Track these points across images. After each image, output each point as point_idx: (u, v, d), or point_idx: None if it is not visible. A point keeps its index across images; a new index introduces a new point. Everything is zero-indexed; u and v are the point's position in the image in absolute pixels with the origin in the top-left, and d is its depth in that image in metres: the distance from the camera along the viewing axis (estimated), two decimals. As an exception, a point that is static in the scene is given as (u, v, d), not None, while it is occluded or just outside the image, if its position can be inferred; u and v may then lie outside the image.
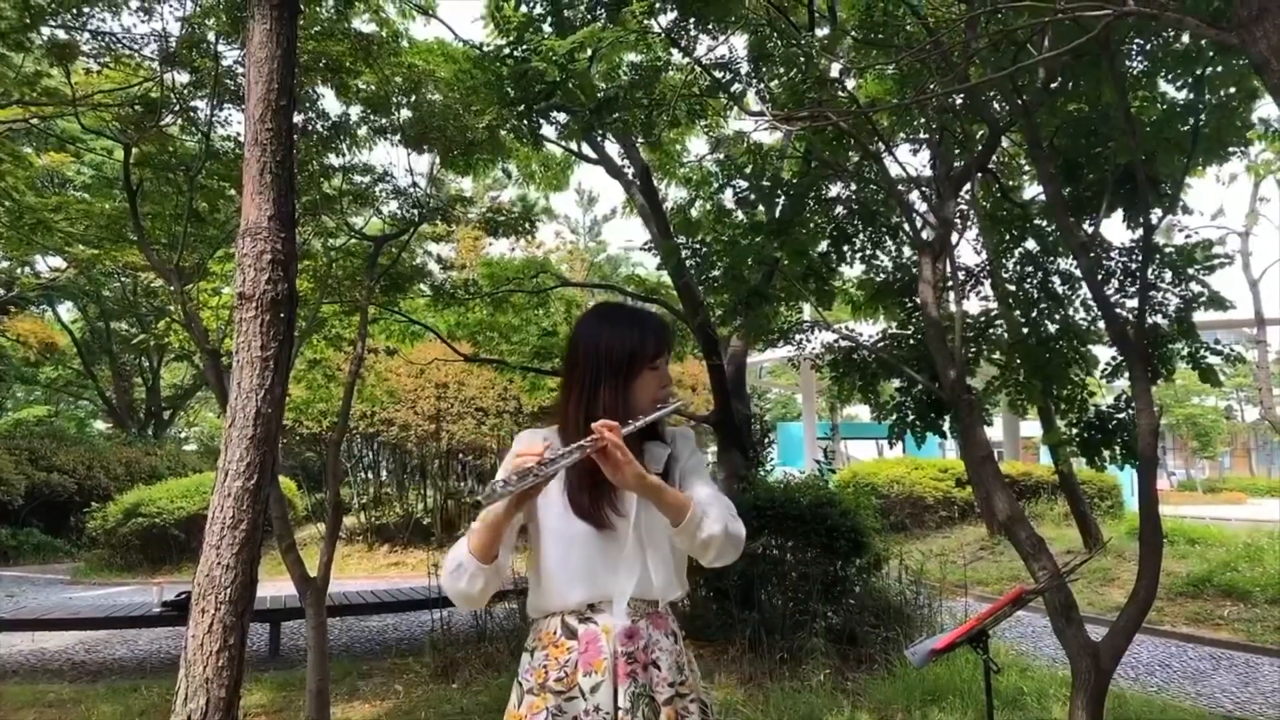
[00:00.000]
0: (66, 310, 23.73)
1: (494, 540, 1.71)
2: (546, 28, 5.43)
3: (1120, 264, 5.04)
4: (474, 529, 1.71)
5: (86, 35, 5.46)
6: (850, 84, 5.82)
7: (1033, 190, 6.52)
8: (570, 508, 1.75)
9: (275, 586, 7.64)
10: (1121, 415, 4.78)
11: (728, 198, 6.44)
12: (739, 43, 6.23)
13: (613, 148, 7.78)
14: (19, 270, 17.44)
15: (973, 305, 6.09)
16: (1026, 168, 6.46)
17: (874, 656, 6.12)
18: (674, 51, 5.84)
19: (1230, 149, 4.70)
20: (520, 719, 1.76)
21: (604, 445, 1.61)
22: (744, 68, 5.97)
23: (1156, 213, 4.46)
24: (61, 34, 5.35)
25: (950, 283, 5.33)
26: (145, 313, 20.06)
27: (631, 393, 1.80)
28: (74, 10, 5.27)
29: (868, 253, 6.09)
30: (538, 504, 1.77)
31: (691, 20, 5.64)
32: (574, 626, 1.76)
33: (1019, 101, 4.31)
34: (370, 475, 16.56)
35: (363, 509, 15.60)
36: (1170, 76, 4.47)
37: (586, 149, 7.97)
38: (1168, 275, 4.86)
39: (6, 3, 5.14)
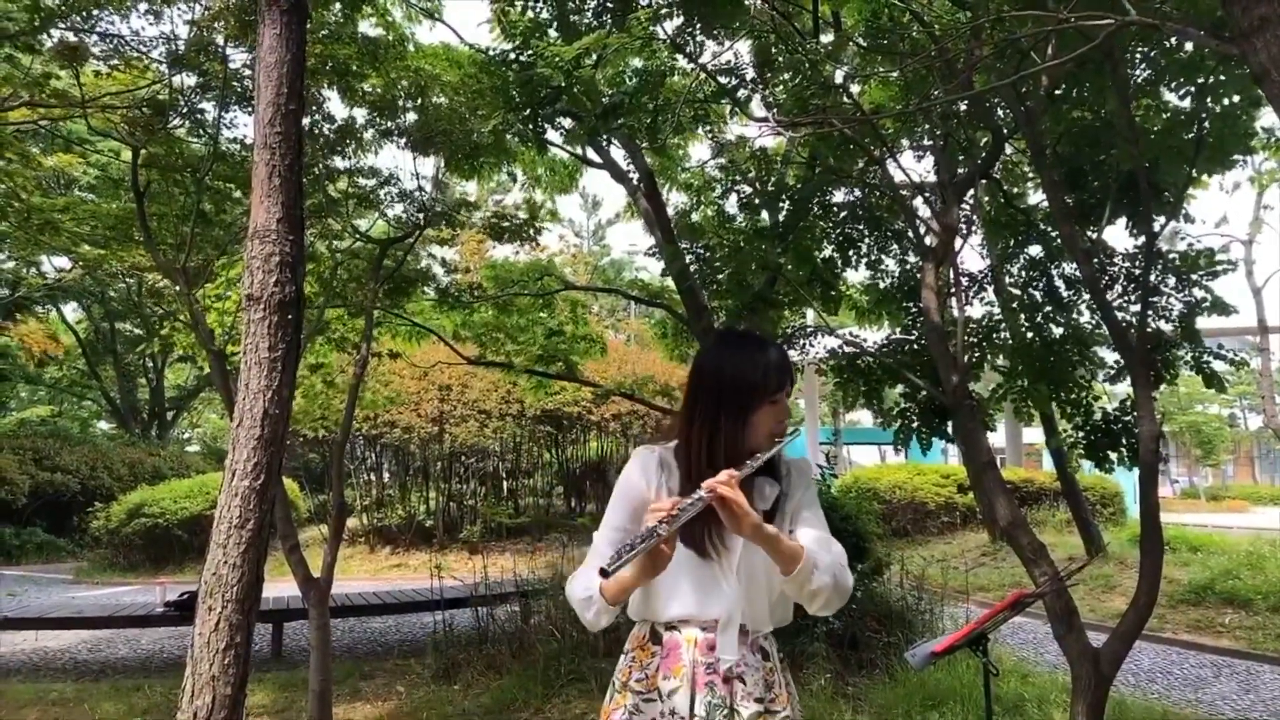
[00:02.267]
0: (71, 311, 23.82)
1: (627, 594, 1.77)
2: (552, 33, 5.45)
3: (1123, 269, 5.06)
4: (607, 585, 1.73)
5: (95, 37, 5.50)
6: (855, 90, 5.84)
7: (1036, 197, 6.54)
8: (678, 533, 1.77)
9: (277, 587, 7.65)
10: (1126, 419, 4.80)
11: (731, 203, 6.47)
12: (744, 49, 6.24)
13: (617, 152, 7.79)
14: (26, 270, 17.49)
15: (976, 310, 6.11)
16: (1030, 174, 6.48)
17: (875, 661, 6.13)
18: (679, 57, 5.87)
19: (1233, 157, 4.71)
20: (608, 713, 1.83)
21: (723, 495, 1.64)
22: (749, 73, 5.99)
23: (1159, 220, 4.48)
24: (71, 36, 5.38)
25: (954, 288, 5.35)
26: (150, 314, 20.12)
27: (750, 426, 1.82)
28: (83, 13, 5.31)
29: (872, 258, 6.11)
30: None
31: (696, 26, 5.67)
32: (660, 633, 1.82)
33: (1022, 109, 4.33)
34: (373, 477, 16.60)
35: (365, 511, 15.63)
36: (1173, 85, 4.49)
37: (591, 154, 7.99)
38: (1171, 280, 4.87)
39: (16, 5, 5.18)
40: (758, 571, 1.80)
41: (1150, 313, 4.48)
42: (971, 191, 5.70)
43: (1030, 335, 5.36)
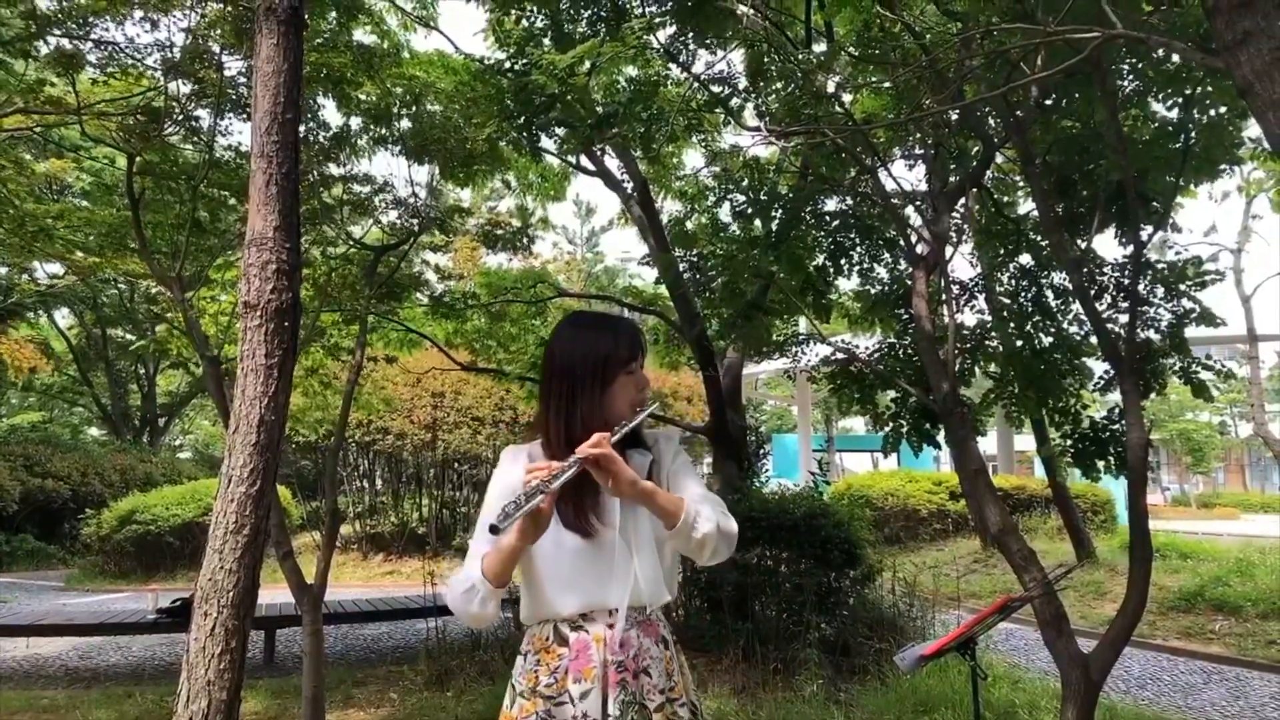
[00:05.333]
0: (63, 317, 23.74)
1: (510, 566, 1.73)
2: (546, 42, 5.50)
3: (1113, 279, 5.10)
4: (489, 554, 1.72)
5: (91, 44, 5.51)
6: (846, 99, 5.89)
7: (1026, 206, 6.59)
8: (558, 518, 1.76)
9: (270, 594, 7.64)
10: (1115, 427, 4.84)
11: (724, 211, 6.50)
12: (736, 58, 6.29)
13: (611, 161, 7.84)
14: (19, 277, 17.43)
15: (967, 318, 6.15)
16: (1020, 183, 6.53)
17: (867, 667, 6.15)
18: (672, 66, 5.91)
19: (1221, 167, 4.77)
20: (527, 713, 1.78)
21: (597, 457, 1.64)
22: (741, 83, 6.04)
23: (1148, 229, 4.53)
24: (66, 43, 5.40)
25: (945, 296, 5.39)
26: (142, 320, 20.07)
27: (609, 399, 1.82)
28: (79, 20, 5.32)
29: (864, 266, 6.14)
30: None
31: (689, 36, 5.71)
32: (565, 634, 1.79)
33: (1012, 119, 4.37)
34: (366, 484, 16.57)
35: (358, 518, 15.60)
36: (1161, 96, 4.54)
37: (585, 162, 8.03)
38: (1160, 291, 4.92)
39: (11, 11, 5.20)
40: (644, 539, 1.80)
41: (1139, 322, 4.53)
42: (962, 200, 5.75)
43: (1020, 343, 5.39)
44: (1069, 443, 5.09)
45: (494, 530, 1.60)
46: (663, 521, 1.73)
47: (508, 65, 5.38)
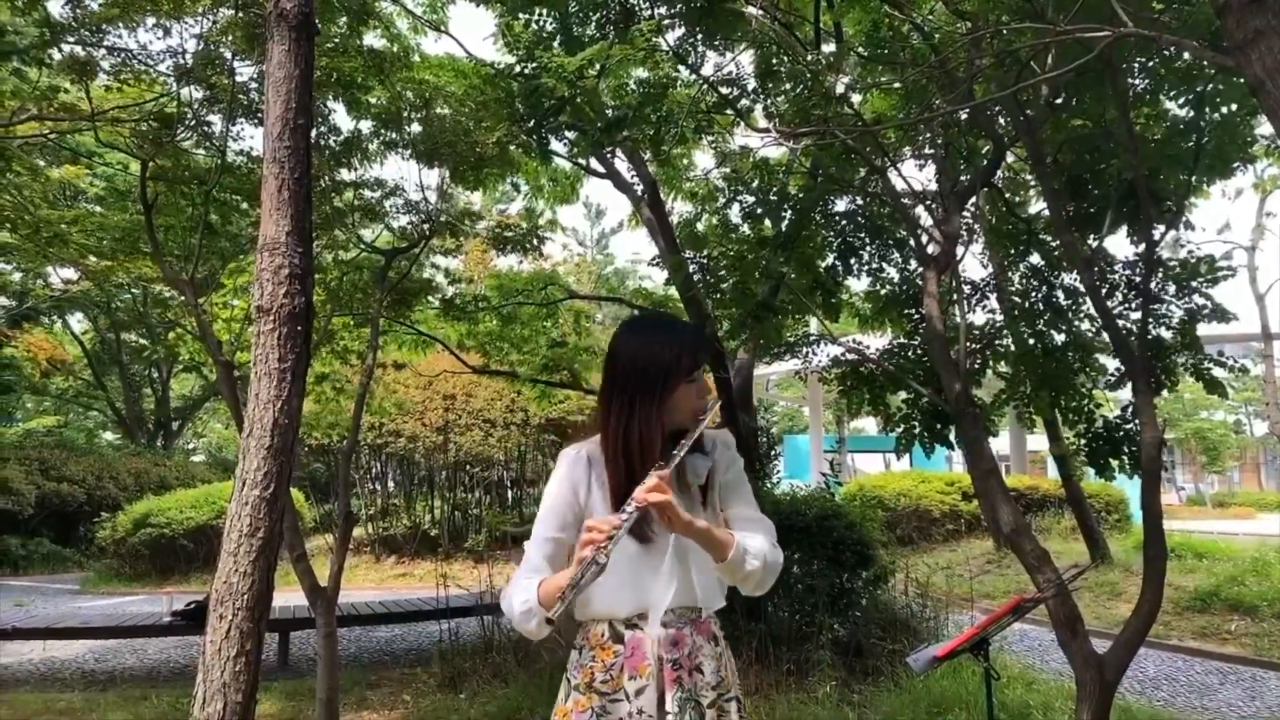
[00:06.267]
0: (77, 321, 23.91)
1: (563, 597, 1.75)
2: (556, 45, 5.51)
3: (1124, 277, 5.08)
4: (546, 584, 1.75)
5: (104, 51, 5.56)
6: (856, 100, 5.88)
7: (1037, 205, 6.57)
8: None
9: (284, 596, 7.67)
10: (1129, 426, 4.82)
11: (734, 212, 6.50)
12: (745, 59, 6.30)
13: (621, 163, 7.84)
14: (34, 282, 17.58)
15: (978, 318, 6.13)
16: (1031, 183, 6.51)
17: (880, 668, 6.13)
18: (681, 68, 5.91)
19: (1233, 165, 4.74)
20: (567, 713, 1.81)
21: (657, 504, 1.66)
22: (750, 84, 6.04)
23: (1160, 228, 4.51)
24: (79, 50, 5.44)
25: (956, 296, 5.38)
26: (156, 324, 20.18)
27: (670, 408, 1.81)
28: (92, 27, 5.36)
29: (874, 266, 6.13)
30: (592, 515, 1.82)
31: (698, 37, 5.72)
32: (621, 632, 1.82)
33: (1023, 118, 4.36)
34: (378, 486, 16.61)
35: (370, 520, 15.64)
36: (1172, 94, 4.52)
37: (595, 164, 8.04)
38: (1172, 288, 4.89)
39: (26, 20, 5.24)
40: (699, 548, 1.82)
41: (1151, 320, 4.51)
42: (973, 200, 5.73)
43: (1032, 342, 5.38)
44: (1082, 442, 5.07)
45: (549, 622, 1.68)
46: (713, 556, 1.75)
47: (517, 69, 5.39)
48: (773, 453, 10.48)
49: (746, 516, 1.85)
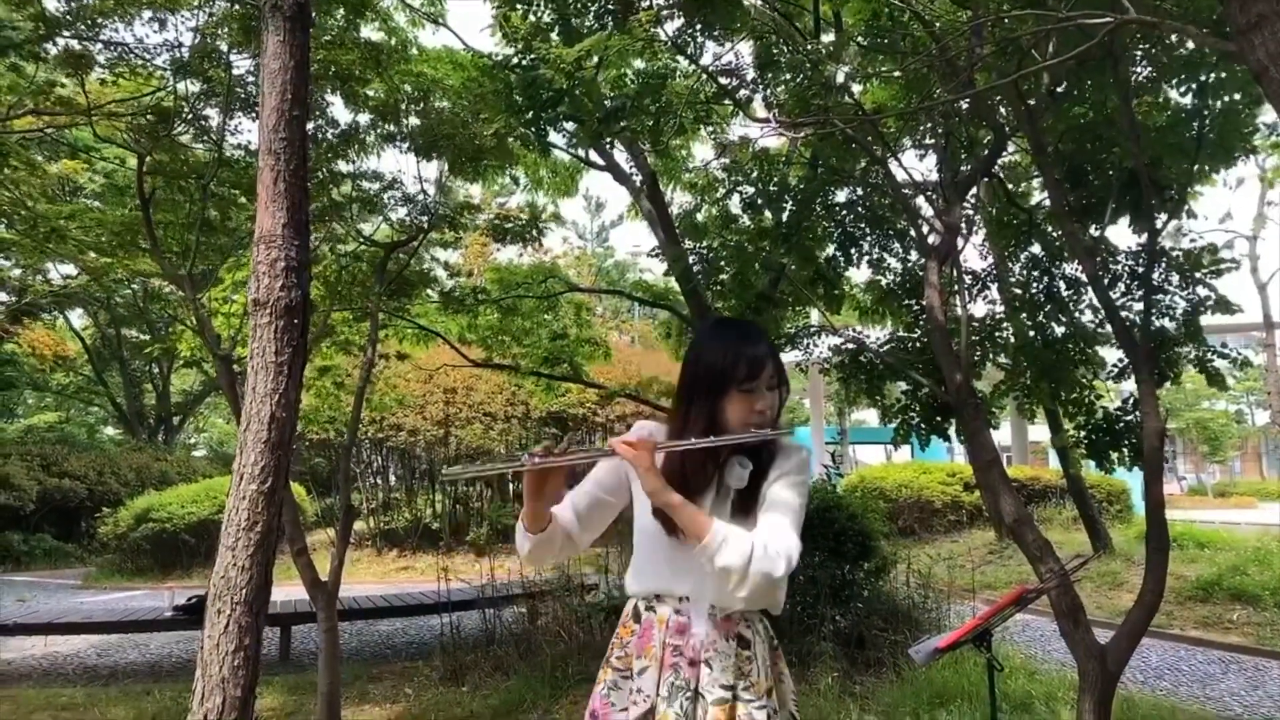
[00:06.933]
0: (77, 317, 23.91)
1: (532, 513, 1.87)
2: (554, 36, 5.48)
3: (1126, 268, 5.06)
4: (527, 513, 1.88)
5: (100, 45, 5.53)
6: (856, 90, 5.85)
7: (1038, 195, 6.54)
8: (648, 506, 1.82)
9: (285, 591, 7.68)
10: (1129, 418, 4.80)
11: (734, 203, 6.48)
12: (745, 49, 6.26)
13: (620, 155, 7.81)
14: (33, 278, 17.56)
15: (979, 309, 6.11)
16: (1032, 173, 6.48)
17: (882, 660, 6.13)
18: (680, 58, 5.88)
19: (1236, 154, 4.71)
20: (600, 681, 1.90)
21: (629, 457, 1.75)
22: (750, 74, 6.01)
23: (1162, 217, 4.48)
24: (75, 44, 5.41)
25: (957, 286, 5.36)
26: (156, 319, 20.18)
27: (718, 412, 1.83)
28: (88, 21, 5.34)
29: (874, 257, 6.11)
30: (634, 498, 1.91)
31: (697, 27, 5.68)
32: (640, 612, 1.88)
33: (1024, 107, 4.33)
34: (379, 480, 16.62)
35: (371, 514, 15.65)
36: (1175, 82, 4.49)
37: (594, 156, 8.01)
38: (1174, 279, 4.86)
39: (21, 14, 5.21)
40: None
41: (1153, 311, 4.48)
42: (973, 190, 5.71)
43: (1033, 333, 5.36)
44: (1083, 434, 5.05)
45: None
46: (688, 535, 1.73)
47: (515, 60, 5.36)
48: (774, 445, 10.44)
49: (764, 518, 1.77)
